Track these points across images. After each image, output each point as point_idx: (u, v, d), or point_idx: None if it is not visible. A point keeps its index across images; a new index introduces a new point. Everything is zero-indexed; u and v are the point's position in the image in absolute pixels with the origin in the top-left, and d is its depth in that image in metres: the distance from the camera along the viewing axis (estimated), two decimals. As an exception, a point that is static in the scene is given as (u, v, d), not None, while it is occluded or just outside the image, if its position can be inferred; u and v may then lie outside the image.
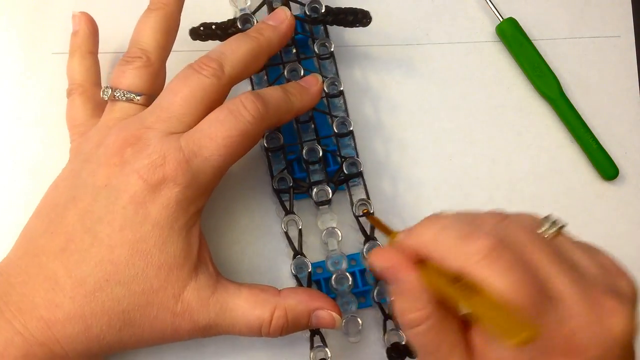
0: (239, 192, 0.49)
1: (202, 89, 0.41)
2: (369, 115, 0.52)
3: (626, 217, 0.53)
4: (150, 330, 0.40)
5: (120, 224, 0.39)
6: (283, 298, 0.41)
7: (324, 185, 0.47)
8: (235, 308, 0.41)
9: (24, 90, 0.51)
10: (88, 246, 0.39)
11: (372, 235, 0.46)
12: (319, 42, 0.49)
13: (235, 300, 0.41)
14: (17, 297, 0.39)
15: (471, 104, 0.54)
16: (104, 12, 0.50)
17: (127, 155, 0.39)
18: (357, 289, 0.47)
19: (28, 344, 0.38)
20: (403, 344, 0.44)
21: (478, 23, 0.56)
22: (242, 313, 0.41)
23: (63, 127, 0.49)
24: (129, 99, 0.43)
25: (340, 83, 0.48)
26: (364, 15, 0.50)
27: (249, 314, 0.41)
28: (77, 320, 0.38)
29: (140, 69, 0.43)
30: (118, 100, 0.43)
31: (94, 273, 0.38)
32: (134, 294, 0.39)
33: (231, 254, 0.49)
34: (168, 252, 0.39)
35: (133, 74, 0.43)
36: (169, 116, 0.40)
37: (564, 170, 0.54)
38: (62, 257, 0.39)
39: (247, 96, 0.41)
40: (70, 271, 0.38)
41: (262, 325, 0.41)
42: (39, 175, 0.49)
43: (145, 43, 0.44)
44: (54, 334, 0.38)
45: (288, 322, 0.41)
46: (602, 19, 0.57)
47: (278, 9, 0.45)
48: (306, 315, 0.42)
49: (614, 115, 0.55)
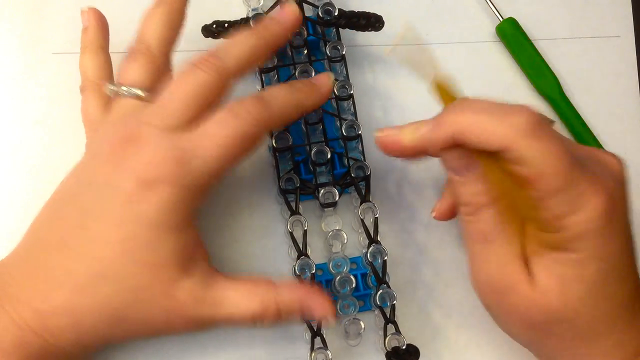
0: (242, 192, 0.49)
1: (201, 84, 0.40)
2: (376, 117, 0.52)
3: (625, 217, 0.53)
4: (143, 326, 0.40)
5: (113, 222, 0.39)
6: (278, 292, 0.41)
7: (330, 187, 0.47)
8: (230, 303, 0.41)
9: (24, 90, 0.51)
10: (81, 242, 0.39)
11: (376, 238, 0.46)
12: (331, 44, 0.49)
13: (229, 294, 0.41)
14: (16, 287, 0.39)
15: (471, 105, 0.54)
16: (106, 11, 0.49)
17: (126, 153, 0.39)
18: (357, 292, 0.47)
19: (22, 333, 0.38)
20: (403, 348, 0.44)
21: (478, 23, 0.56)
22: (236, 307, 0.41)
23: (63, 127, 0.49)
24: (133, 94, 0.42)
25: (350, 86, 0.48)
26: (377, 20, 0.50)
27: (243, 308, 0.41)
28: (68, 314, 0.39)
29: (144, 64, 0.43)
30: (123, 97, 0.43)
31: (84, 269, 0.39)
32: (123, 291, 0.39)
33: (232, 253, 0.49)
34: (159, 251, 0.39)
35: (137, 70, 0.43)
36: (168, 113, 0.40)
37: (564, 171, 0.54)
38: (57, 251, 0.39)
39: (251, 98, 0.41)
40: (64, 266, 0.39)
41: (255, 319, 0.41)
42: (39, 175, 0.49)
43: (149, 37, 0.44)
44: (47, 325, 0.38)
45: (281, 316, 0.41)
46: (602, 19, 0.57)
47: (285, 5, 0.45)
48: (299, 310, 0.42)
49: (614, 115, 0.55)
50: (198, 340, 0.47)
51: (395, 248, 0.44)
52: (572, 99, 0.54)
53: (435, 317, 0.49)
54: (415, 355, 0.44)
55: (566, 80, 0.55)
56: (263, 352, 0.47)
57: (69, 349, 0.40)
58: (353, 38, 0.54)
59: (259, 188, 0.49)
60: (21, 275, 0.40)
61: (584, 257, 0.37)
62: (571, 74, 0.55)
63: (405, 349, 0.44)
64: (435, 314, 0.49)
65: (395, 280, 0.47)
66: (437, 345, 0.48)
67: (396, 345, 0.45)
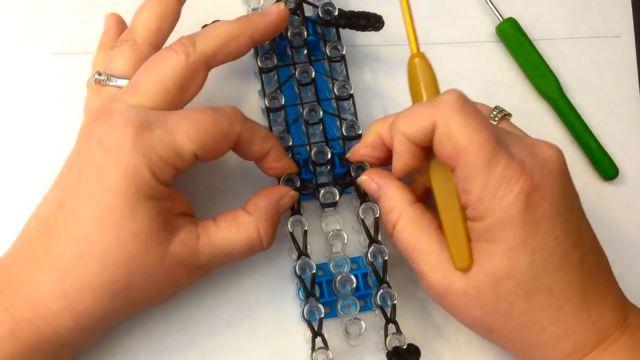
0: (243, 193, 0.49)
1: (171, 65, 0.41)
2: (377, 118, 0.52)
3: (626, 217, 0.53)
4: (145, 291, 0.40)
5: (85, 196, 0.39)
6: (255, 212, 0.44)
7: (331, 188, 0.47)
8: (223, 242, 0.42)
9: (24, 90, 0.51)
10: (61, 223, 0.39)
11: (377, 238, 0.46)
12: (331, 44, 0.49)
13: (220, 234, 0.42)
14: (6, 277, 0.40)
15: (471, 105, 0.54)
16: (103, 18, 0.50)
17: (93, 127, 0.40)
18: (358, 292, 0.47)
19: (15, 321, 0.38)
20: (404, 348, 0.44)
21: (478, 23, 0.56)
22: (231, 243, 0.42)
23: (63, 127, 0.49)
24: (113, 83, 0.43)
25: (350, 86, 0.48)
26: (377, 20, 0.50)
27: (238, 241, 0.43)
28: (60, 298, 0.39)
29: (126, 52, 0.43)
30: (105, 86, 0.43)
31: (67, 249, 0.38)
32: (112, 265, 0.38)
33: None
34: (140, 219, 0.39)
35: (119, 59, 0.44)
36: (137, 91, 0.41)
37: (564, 171, 0.54)
38: (41, 236, 0.40)
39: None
40: (48, 250, 0.39)
41: (254, 245, 0.43)
42: (39, 175, 0.48)
43: (136, 28, 0.44)
44: (39, 311, 0.39)
45: (271, 228, 0.44)
46: (602, 19, 0.57)
47: (274, 4, 0.46)
48: (277, 211, 0.45)
49: (614, 115, 0.55)
50: (198, 341, 0.47)
51: (395, 248, 0.44)
52: (572, 99, 0.54)
53: (436, 317, 0.49)
54: (416, 355, 0.44)
55: (566, 80, 0.55)
56: (263, 352, 0.47)
57: (65, 334, 0.39)
58: (353, 38, 0.54)
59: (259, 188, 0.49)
60: (11, 266, 0.40)
61: (509, 247, 0.38)
62: (571, 74, 0.55)
63: (406, 349, 0.44)
64: (436, 314, 0.49)
65: (395, 280, 0.47)
66: (438, 345, 0.48)
67: (397, 345, 0.45)
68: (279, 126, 0.48)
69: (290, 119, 0.49)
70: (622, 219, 0.53)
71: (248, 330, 0.48)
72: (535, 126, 0.54)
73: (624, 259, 0.51)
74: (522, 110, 0.54)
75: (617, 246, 0.52)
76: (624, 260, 0.50)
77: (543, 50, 0.55)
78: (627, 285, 0.43)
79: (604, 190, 0.54)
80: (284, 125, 0.48)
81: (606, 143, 0.54)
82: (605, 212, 0.53)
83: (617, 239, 0.53)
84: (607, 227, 0.53)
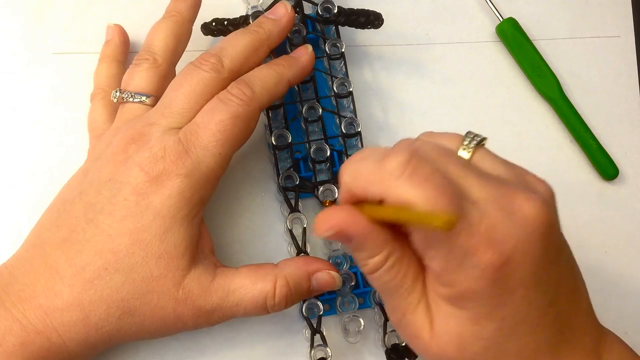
0: (242, 190, 0.49)
1: (202, 83, 0.42)
2: (376, 116, 0.52)
3: (626, 217, 0.53)
4: (152, 319, 0.40)
5: (122, 215, 0.40)
6: (281, 268, 0.42)
7: (330, 185, 0.47)
8: (238, 288, 0.41)
9: (24, 90, 0.51)
10: (89, 236, 0.40)
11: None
12: (330, 42, 0.49)
13: (236, 280, 0.41)
14: (19, 286, 0.39)
15: (471, 104, 0.54)
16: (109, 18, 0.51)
17: (131, 151, 0.41)
18: (357, 289, 0.47)
19: (26, 332, 0.38)
20: (403, 345, 0.44)
21: (478, 23, 0.56)
22: (244, 290, 0.41)
23: (63, 127, 0.49)
24: (137, 100, 0.44)
25: (349, 84, 0.48)
26: (376, 17, 0.50)
27: (252, 290, 0.41)
28: (75, 308, 0.39)
29: (148, 71, 0.45)
30: (127, 102, 0.44)
31: (93, 261, 0.39)
32: (133, 282, 0.39)
33: (232, 251, 0.49)
34: (169, 241, 0.40)
35: (140, 76, 0.45)
36: (171, 112, 0.42)
37: (564, 170, 0.54)
38: (63, 247, 0.40)
39: (232, 83, 0.43)
40: (71, 260, 0.39)
41: (267, 298, 0.41)
42: (39, 175, 0.48)
43: (154, 46, 0.45)
44: (52, 322, 0.39)
45: (291, 289, 0.42)
46: (602, 19, 0.57)
47: (278, 3, 0.47)
48: (307, 279, 0.43)
49: (614, 115, 0.55)
50: (198, 341, 0.47)
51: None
52: (572, 99, 0.54)
53: (435, 316, 0.49)
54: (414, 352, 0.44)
55: (566, 80, 0.55)
56: (263, 351, 0.47)
57: (73, 347, 0.39)
58: (352, 36, 0.54)
59: (258, 186, 0.49)
60: (24, 275, 0.40)
61: (477, 316, 0.34)
62: (571, 74, 0.55)
63: (405, 346, 0.44)
64: (436, 313, 0.49)
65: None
66: (438, 344, 0.48)
67: (396, 343, 0.45)
68: (279, 123, 0.48)
69: (289, 117, 0.49)
70: (622, 219, 0.53)
71: (248, 330, 0.47)
72: (535, 126, 0.54)
73: (624, 259, 0.51)
74: (522, 110, 0.54)
75: (617, 246, 0.52)
76: (624, 260, 0.50)
77: (543, 50, 0.55)
78: (626, 286, 0.43)
79: (604, 190, 0.54)
80: (284, 123, 0.48)
81: (606, 143, 0.54)
82: (605, 212, 0.53)
83: (617, 239, 0.52)
84: (607, 227, 0.53)
